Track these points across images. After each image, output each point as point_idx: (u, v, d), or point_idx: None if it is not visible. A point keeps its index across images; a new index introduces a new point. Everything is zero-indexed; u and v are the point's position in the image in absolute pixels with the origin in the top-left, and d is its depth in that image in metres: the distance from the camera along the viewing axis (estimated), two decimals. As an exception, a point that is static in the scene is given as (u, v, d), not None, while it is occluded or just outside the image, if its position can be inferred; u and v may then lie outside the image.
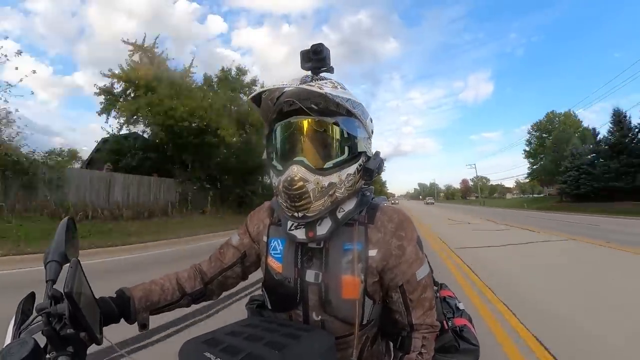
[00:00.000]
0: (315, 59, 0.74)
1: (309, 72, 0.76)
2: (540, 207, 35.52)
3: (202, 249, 7.68)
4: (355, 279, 0.71)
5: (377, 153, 0.79)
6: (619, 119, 25.86)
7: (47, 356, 0.52)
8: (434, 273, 1.07)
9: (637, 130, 24.72)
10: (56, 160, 11.06)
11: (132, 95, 14.80)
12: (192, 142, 15.30)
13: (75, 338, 0.55)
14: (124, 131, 15.51)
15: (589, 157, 29.24)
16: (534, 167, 45.57)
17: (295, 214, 0.70)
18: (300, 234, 0.74)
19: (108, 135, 15.94)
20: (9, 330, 0.57)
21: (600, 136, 29.09)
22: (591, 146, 30.14)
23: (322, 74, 0.76)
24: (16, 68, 10.50)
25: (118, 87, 14.77)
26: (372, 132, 0.80)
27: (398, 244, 0.75)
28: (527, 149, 46.61)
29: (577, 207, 26.91)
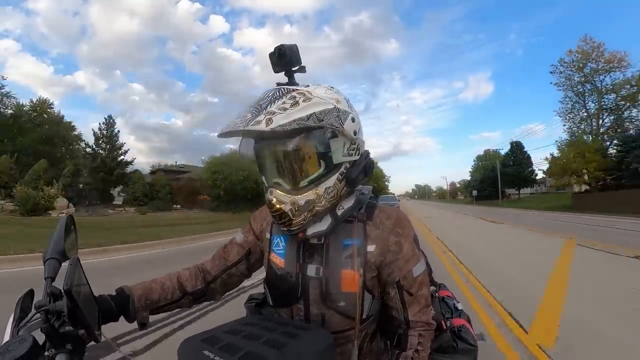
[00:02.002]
0: (280, 63, 0.73)
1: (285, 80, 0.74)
2: (466, 202, 62.16)
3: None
4: (354, 273, 0.73)
5: (364, 156, 0.77)
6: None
7: (46, 353, 0.52)
8: (433, 273, 1.06)
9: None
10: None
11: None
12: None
13: (73, 335, 0.55)
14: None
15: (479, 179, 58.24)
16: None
17: (282, 228, 0.76)
18: None
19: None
20: (8, 328, 0.57)
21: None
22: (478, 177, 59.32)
23: (287, 85, 0.73)
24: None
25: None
26: (357, 132, 0.74)
27: (395, 241, 0.76)
28: (471, 169, 75.55)
29: (480, 203, 49.94)
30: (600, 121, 31.19)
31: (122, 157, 25.59)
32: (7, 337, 0.55)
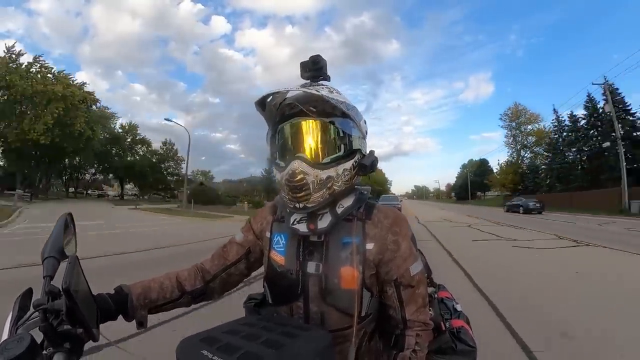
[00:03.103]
0: (314, 68, 0.79)
1: (308, 81, 0.80)
2: (452, 202, 77.76)
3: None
4: (353, 269, 0.74)
5: (372, 152, 0.84)
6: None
7: (44, 352, 0.52)
8: (432, 274, 1.07)
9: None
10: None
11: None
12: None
13: (72, 334, 0.54)
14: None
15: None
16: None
17: (297, 205, 0.75)
18: (302, 228, 0.78)
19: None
20: (6, 326, 0.57)
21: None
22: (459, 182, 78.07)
23: (320, 82, 0.80)
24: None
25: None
26: (366, 133, 0.85)
27: (393, 239, 0.78)
28: (457, 176, 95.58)
29: (460, 202, 67.96)
30: (522, 153, 56.21)
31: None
32: (5, 336, 0.55)
